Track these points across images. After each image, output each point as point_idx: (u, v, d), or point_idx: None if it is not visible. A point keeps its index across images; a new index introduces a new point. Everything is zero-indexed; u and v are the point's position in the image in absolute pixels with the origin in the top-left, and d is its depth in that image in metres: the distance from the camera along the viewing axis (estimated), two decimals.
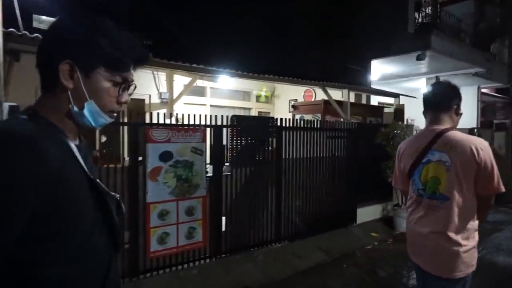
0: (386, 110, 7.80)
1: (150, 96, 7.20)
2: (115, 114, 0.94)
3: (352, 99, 7.86)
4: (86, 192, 0.86)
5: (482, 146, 1.83)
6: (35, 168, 0.73)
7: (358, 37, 7.37)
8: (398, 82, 11.05)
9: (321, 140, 5.34)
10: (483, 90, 12.19)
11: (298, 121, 5.12)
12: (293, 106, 7.40)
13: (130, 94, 0.95)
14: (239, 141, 4.44)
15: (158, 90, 7.27)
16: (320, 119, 6.28)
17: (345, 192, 5.78)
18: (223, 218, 4.28)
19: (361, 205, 6.09)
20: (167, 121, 3.80)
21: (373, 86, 11.18)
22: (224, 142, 4.30)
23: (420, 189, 1.97)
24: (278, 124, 4.79)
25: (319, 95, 8.49)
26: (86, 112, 0.86)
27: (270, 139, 4.78)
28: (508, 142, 11.06)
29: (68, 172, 0.80)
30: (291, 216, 5.01)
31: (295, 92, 9.18)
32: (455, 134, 1.92)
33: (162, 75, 7.28)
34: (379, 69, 9.11)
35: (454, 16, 9.18)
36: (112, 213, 0.93)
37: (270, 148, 4.77)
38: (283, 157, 4.86)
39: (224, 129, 4.22)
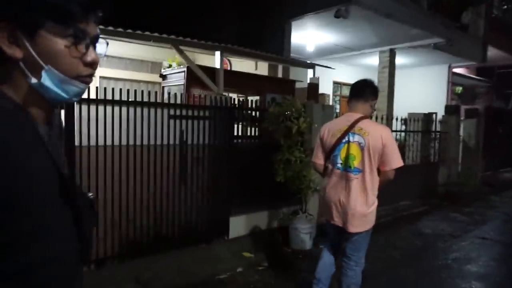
0: (298, 85, 6.07)
1: None
2: (89, 80, 0.75)
3: (264, 71, 6.17)
4: (52, 188, 0.71)
5: (385, 133, 2.44)
6: None
7: None
8: (350, 57, 9.35)
9: (160, 121, 3.67)
10: (456, 70, 10.46)
11: (123, 91, 3.45)
12: (161, 75, 5.61)
13: (100, 52, 0.76)
14: None
15: None
16: (183, 92, 4.60)
17: (210, 194, 4.16)
18: None
19: (240, 212, 4.46)
20: None
21: (319, 61, 9.46)
22: None
23: (338, 163, 2.50)
24: None
25: (242, 65, 6.81)
26: (46, 82, 0.69)
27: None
28: (478, 131, 9.37)
29: (32, 162, 0.67)
30: (100, 231, 3.39)
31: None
32: (370, 123, 2.51)
33: None
34: (315, 38, 7.38)
35: None
36: (81, 215, 0.78)
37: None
38: (79, 144, 3.21)
39: None
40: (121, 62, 7.32)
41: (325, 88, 10.39)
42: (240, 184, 4.43)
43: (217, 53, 4.77)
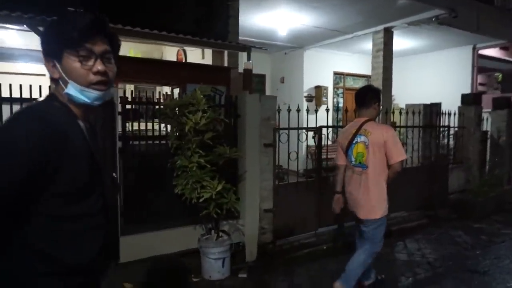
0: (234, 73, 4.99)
1: None
2: (102, 87, 1.05)
3: (207, 60, 5.25)
4: (86, 161, 1.02)
5: (386, 131, 2.82)
6: (43, 133, 0.92)
7: None
8: (346, 43, 8.07)
9: None
10: (484, 52, 8.65)
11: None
12: None
13: (110, 63, 1.07)
14: None
15: None
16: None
17: None
18: None
19: (136, 231, 3.58)
20: None
21: (313, 48, 8.31)
22: None
23: (352, 160, 2.93)
24: None
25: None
26: (71, 91, 1.02)
27: None
28: (509, 125, 7.57)
29: (74, 141, 0.98)
30: None
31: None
32: (373, 124, 2.91)
33: None
34: (286, 20, 6.29)
35: None
36: (105, 186, 1.11)
37: None
38: None
39: None
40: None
41: (325, 80, 9.16)
42: (135, 196, 3.58)
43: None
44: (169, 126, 3.63)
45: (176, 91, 4.06)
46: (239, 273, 3.62)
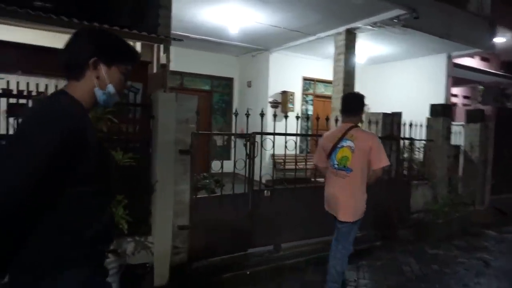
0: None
1: None
2: (122, 94, 1.40)
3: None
4: (98, 145, 1.21)
5: (371, 138, 2.95)
6: (75, 126, 1.11)
7: None
8: (313, 47, 7.59)
9: None
10: (459, 61, 8.17)
11: None
12: None
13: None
14: None
15: None
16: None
17: None
18: None
19: None
20: None
21: (278, 51, 7.81)
22: None
23: (335, 164, 3.01)
24: None
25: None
26: (107, 92, 1.26)
27: None
28: (485, 140, 7.05)
29: (89, 130, 1.16)
30: None
31: None
32: (357, 130, 3.00)
33: None
34: (237, 17, 5.76)
35: None
36: (111, 169, 1.30)
37: None
38: None
39: None
40: None
41: (293, 85, 8.63)
42: None
43: None
44: None
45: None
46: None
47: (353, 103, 3.08)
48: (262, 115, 4.02)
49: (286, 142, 4.34)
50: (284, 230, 4.44)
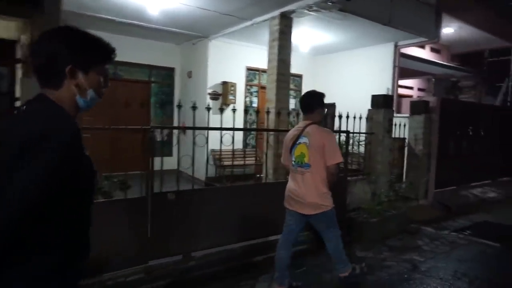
0: None
1: None
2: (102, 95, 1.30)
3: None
4: (87, 165, 1.22)
5: (325, 135, 3.03)
6: (76, 133, 1.11)
7: None
8: (250, 33, 7.03)
9: None
10: (404, 50, 7.91)
11: None
12: None
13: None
14: None
15: None
16: None
17: None
18: None
19: None
20: None
21: (217, 38, 7.20)
22: None
23: (294, 161, 3.11)
24: None
25: None
26: (89, 98, 1.22)
27: None
28: (429, 132, 6.81)
29: (81, 147, 1.15)
30: None
31: None
32: (313, 127, 3.05)
33: None
34: None
35: None
36: (94, 180, 1.29)
37: None
38: None
39: None
40: None
41: (235, 76, 8.07)
42: None
43: None
44: None
45: None
46: None
47: (309, 101, 3.16)
48: (194, 108, 3.72)
49: (221, 137, 3.94)
50: (198, 237, 3.92)
